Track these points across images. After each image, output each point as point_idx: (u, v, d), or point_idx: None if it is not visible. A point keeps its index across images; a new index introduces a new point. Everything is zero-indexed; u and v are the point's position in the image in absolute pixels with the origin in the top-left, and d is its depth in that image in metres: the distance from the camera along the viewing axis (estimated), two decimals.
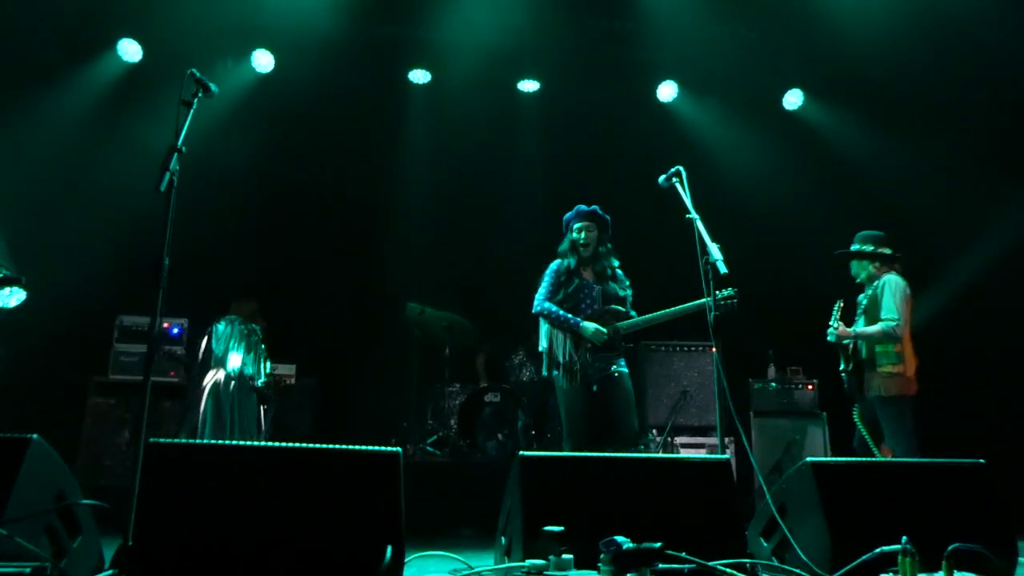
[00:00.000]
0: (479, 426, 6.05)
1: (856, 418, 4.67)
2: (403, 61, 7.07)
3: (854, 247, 4.74)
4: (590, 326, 4.11)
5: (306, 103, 6.88)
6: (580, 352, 4.11)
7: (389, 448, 2.51)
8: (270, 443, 2.50)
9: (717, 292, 3.62)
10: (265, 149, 6.96)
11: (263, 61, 6.77)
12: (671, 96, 7.23)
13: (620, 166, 7.01)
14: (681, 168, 3.71)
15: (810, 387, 6.18)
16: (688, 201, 3.60)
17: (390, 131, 7.28)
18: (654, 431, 6.09)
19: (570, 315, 4.16)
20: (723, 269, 3.34)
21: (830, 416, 5.98)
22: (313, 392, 6.56)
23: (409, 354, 6.53)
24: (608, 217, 4.34)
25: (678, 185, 3.70)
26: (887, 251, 4.69)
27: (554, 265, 4.34)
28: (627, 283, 4.35)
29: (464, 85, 6.98)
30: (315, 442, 2.50)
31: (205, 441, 2.70)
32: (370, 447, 2.52)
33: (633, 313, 4.25)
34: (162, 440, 2.42)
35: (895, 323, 4.44)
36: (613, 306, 4.20)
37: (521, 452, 2.74)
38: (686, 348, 6.29)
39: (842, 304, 4.65)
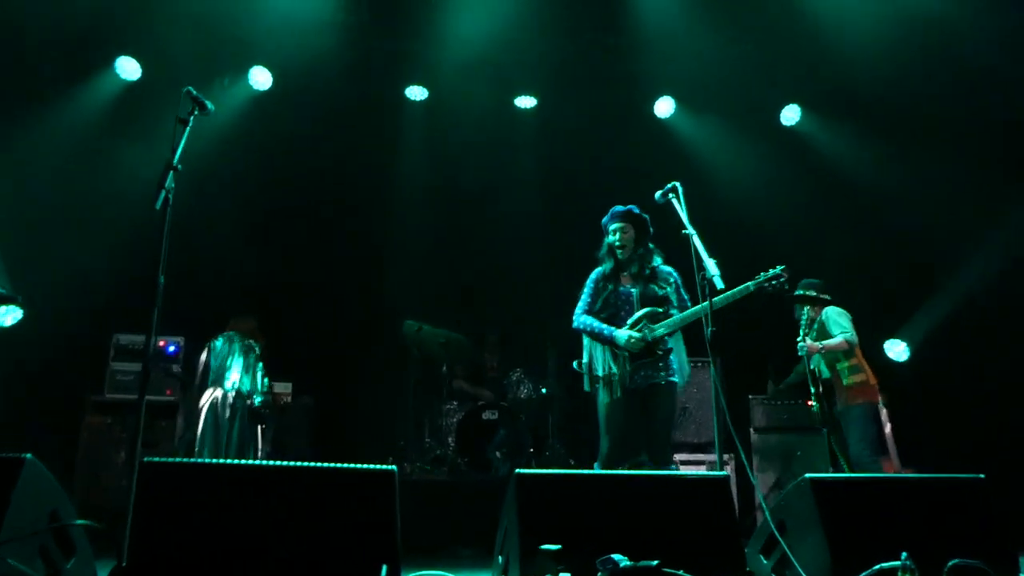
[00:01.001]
0: (477, 444, 6.08)
1: (834, 445, 5.03)
2: (400, 78, 7.12)
3: (798, 292, 5.30)
4: (622, 335, 3.93)
5: (303, 120, 6.94)
6: (619, 363, 3.96)
7: (385, 466, 2.51)
8: (266, 462, 2.49)
9: (763, 272, 3.71)
10: (262, 167, 6.98)
11: (260, 79, 6.82)
12: (668, 112, 7.28)
13: (617, 182, 6.97)
14: (677, 184, 3.76)
15: (811, 402, 6.09)
16: (684, 216, 3.63)
17: (387, 148, 7.31)
18: None
19: (605, 325, 4.01)
20: (720, 284, 3.38)
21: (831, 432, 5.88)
22: (310, 410, 6.56)
23: (406, 372, 6.53)
24: (646, 216, 4.14)
25: (674, 200, 3.74)
26: (827, 296, 5.31)
27: (594, 273, 4.20)
28: (672, 278, 4.10)
29: (461, 101, 7.03)
30: (312, 460, 2.51)
31: (201, 460, 2.69)
32: (366, 465, 2.52)
33: (674, 312, 4.00)
34: (157, 459, 2.43)
35: (849, 334, 5.01)
36: (649, 308, 3.99)
37: (517, 470, 2.73)
38: None
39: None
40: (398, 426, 6.58)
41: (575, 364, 4.16)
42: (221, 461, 2.43)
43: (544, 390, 6.57)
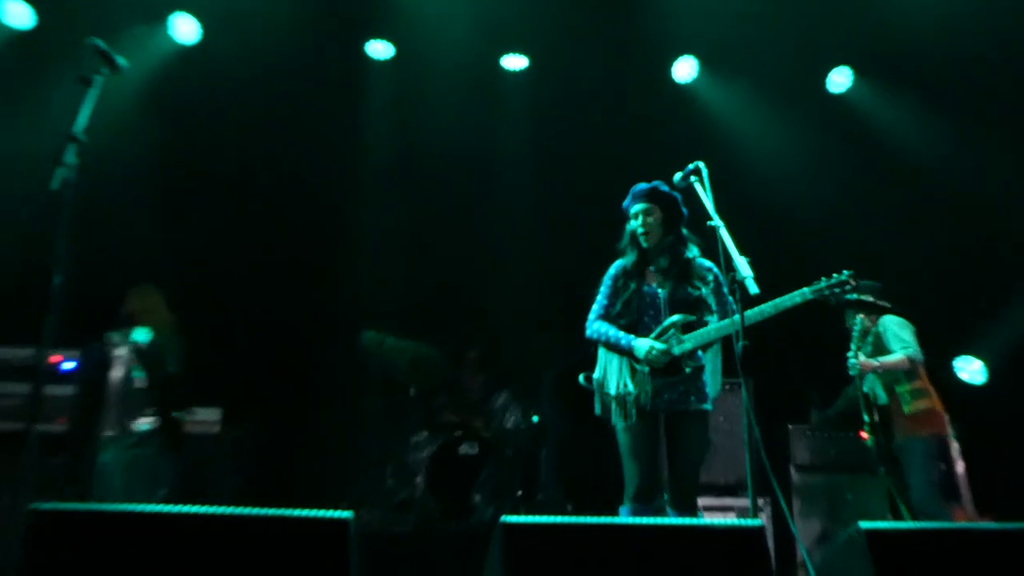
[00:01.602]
0: (453, 485, 6.09)
1: (892, 487, 5.06)
2: (360, 30, 7.11)
3: (850, 296, 5.14)
4: (643, 345, 3.88)
5: (239, 83, 6.89)
6: (637, 379, 3.91)
7: (337, 513, 2.50)
8: (187, 507, 2.48)
9: (824, 277, 3.70)
10: (187, 141, 6.96)
11: (185, 29, 6.78)
12: (690, 76, 7.28)
13: (626, 161, 6.84)
14: (701, 164, 3.77)
15: (863, 434, 6.03)
16: (710, 204, 3.64)
17: (344, 119, 7.31)
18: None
19: (622, 333, 3.96)
20: (753, 288, 3.39)
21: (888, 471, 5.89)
22: (243, 443, 6.50)
23: (365, 395, 6.62)
24: (677, 195, 4.03)
25: (697, 185, 3.75)
26: (885, 303, 5.34)
27: (613, 267, 4.16)
28: (711, 275, 4.01)
29: (435, 61, 7.03)
30: (244, 505, 2.51)
31: (104, 506, 2.66)
32: (313, 512, 2.51)
33: (710, 319, 3.95)
34: (48, 505, 2.39)
35: (912, 349, 5.03)
36: (680, 316, 3.91)
37: (503, 518, 2.72)
38: None
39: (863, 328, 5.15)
40: (354, 462, 6.59)
41: (581, 378, 4.14)
42: (129, 507, 2.39)
43: (536, 417, 6.59)
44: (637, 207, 4.06)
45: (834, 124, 7.25)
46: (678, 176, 3.81)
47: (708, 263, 4.04)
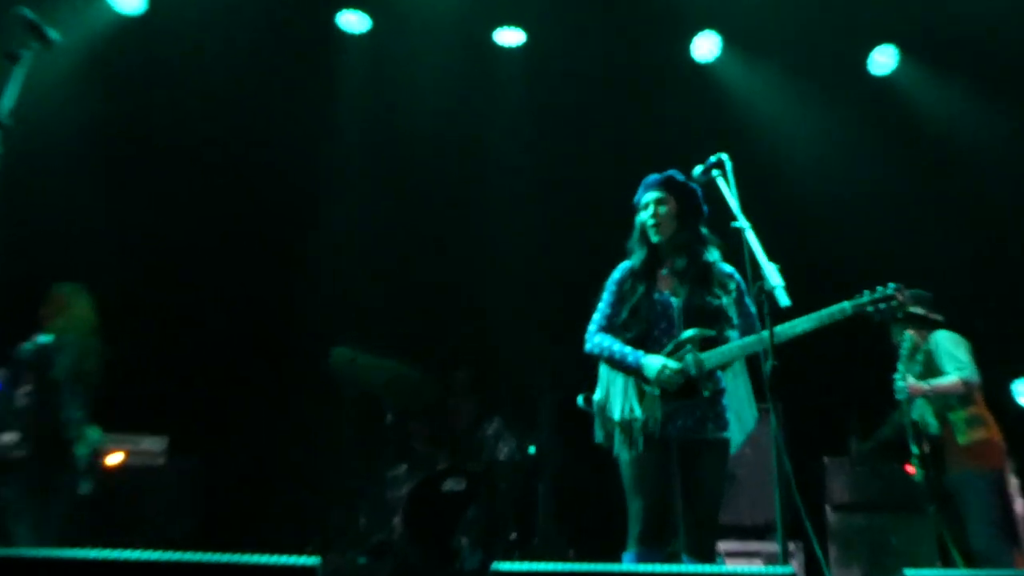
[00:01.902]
0: (436, 526, 6.01)
1: (943, 528, 5.03)
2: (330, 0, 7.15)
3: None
4: (654, 363, 3.80)
5: (193, 62, 6.91)
6: (646, 403, 3.84)
7: (303, 559, 2.48)
8: (118, 552, 2.44)
9: (867, 291, 3.66)
10: (128, 124, 6.93)
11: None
12: (712, 54, 7.31)
13: (638, 151, 6.98)
14: (724, 156, 3.74)
15: (911, 468, 6.00)
16: (734, 202, 3.63)
17: (313, 101, 7.33)
18: None
19: (629, 349, 3.89)
20: (784, 300, 3.34)
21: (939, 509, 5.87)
22: (193, 476, 6.48)
23: (335, 421, 6.53)
24: (697, 187, 3.96)
25: (720, 180, 3.74)
26: (938, 316, 5.34)
27: (618, 270, 4.09)
28: (733, 282, 3.94)
29: (418, 35, 7.06)
30: (191, 549, 2.49)
31: (20, 551, 2.65)
32: (275, 557, 2.49)
33: (731, 334, 3.88)
34: None
35: (968, 371, 5.03)
36: (697, 330, 3.82)
37: (495, 565, 2.71)
38: None
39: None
40: (322, 500, 6.55)
41: (580, 400, 4.06)
42: (54, 553, 2.37)
43: (532, 448, 6.56)
44: (648, 196, 3.99)
45: (876, 111, 7.28)
46: (698, 170, 3.80)
47: (730, 268, 3.99)
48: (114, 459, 6.00)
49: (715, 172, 3.75)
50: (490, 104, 7.42)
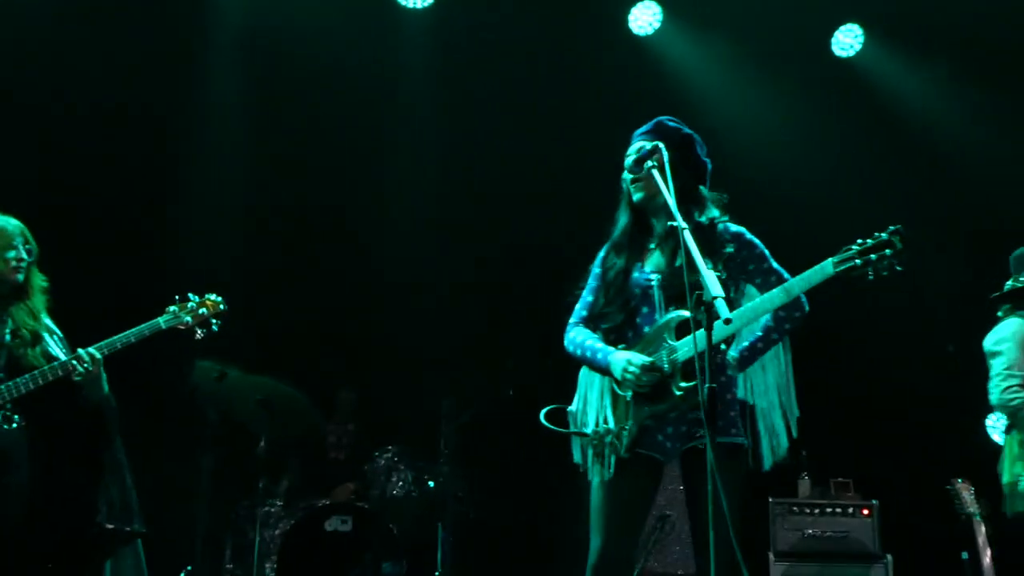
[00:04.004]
0: (317, 573, 6.03)
1: None
2: None
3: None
4: (619, 359, 3.49)
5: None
6: (619, 411, 3.54)
7: None
8: None
9: (857, 241, 3.42)
10: None
11: None
12: (650, 26, 7.27)
13: (562, 134, 7.07)
14: (661, 145, 3.48)
15: (867, 512, 5.99)
16: (671, 199, 3.31)
17: (178, 48, 7.11)
18: None
19: (600, 345, 3.59)
20: (725, 312, 2.96)
21: (899, 559, 5.87)
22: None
23: (197, 449, 6.20)
24: (693, 133, 3.73)
25: (656, 174, 3.43)
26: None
27: (606, 246, 3.81)
28: (732, 247, 3.62)
29: None
30: None
31: None
32: None
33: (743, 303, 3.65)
34: None
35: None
36: (678, 312, 3.48)
37: None
38: None
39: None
40: (183, 542, 6.17)
41: (542, 416, 3.68)
42: None
43: (432, 483, 6.49)
44: (633, 148, 3.67)
45: (838, 94, 7.39)
46: (631, 159, 3.56)
47: (737, 228, 3.65)
48: None
49: (651, 163, 3.43)
50: (389, 75, 7.34)
